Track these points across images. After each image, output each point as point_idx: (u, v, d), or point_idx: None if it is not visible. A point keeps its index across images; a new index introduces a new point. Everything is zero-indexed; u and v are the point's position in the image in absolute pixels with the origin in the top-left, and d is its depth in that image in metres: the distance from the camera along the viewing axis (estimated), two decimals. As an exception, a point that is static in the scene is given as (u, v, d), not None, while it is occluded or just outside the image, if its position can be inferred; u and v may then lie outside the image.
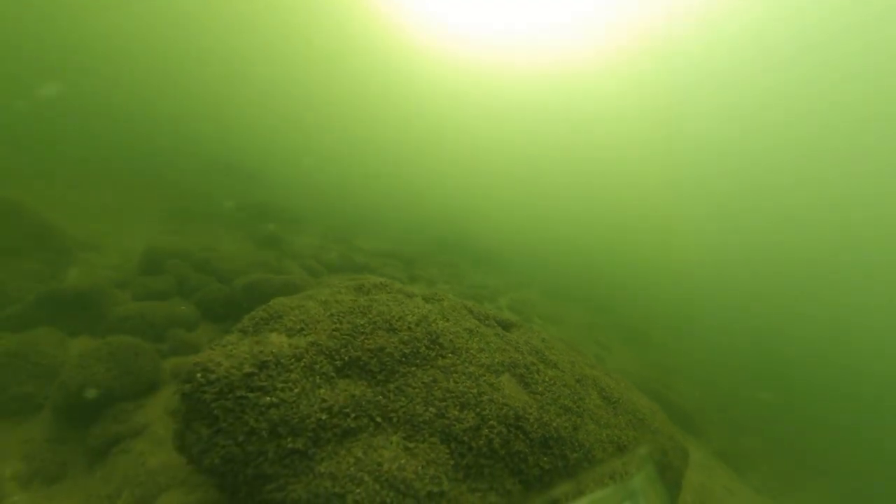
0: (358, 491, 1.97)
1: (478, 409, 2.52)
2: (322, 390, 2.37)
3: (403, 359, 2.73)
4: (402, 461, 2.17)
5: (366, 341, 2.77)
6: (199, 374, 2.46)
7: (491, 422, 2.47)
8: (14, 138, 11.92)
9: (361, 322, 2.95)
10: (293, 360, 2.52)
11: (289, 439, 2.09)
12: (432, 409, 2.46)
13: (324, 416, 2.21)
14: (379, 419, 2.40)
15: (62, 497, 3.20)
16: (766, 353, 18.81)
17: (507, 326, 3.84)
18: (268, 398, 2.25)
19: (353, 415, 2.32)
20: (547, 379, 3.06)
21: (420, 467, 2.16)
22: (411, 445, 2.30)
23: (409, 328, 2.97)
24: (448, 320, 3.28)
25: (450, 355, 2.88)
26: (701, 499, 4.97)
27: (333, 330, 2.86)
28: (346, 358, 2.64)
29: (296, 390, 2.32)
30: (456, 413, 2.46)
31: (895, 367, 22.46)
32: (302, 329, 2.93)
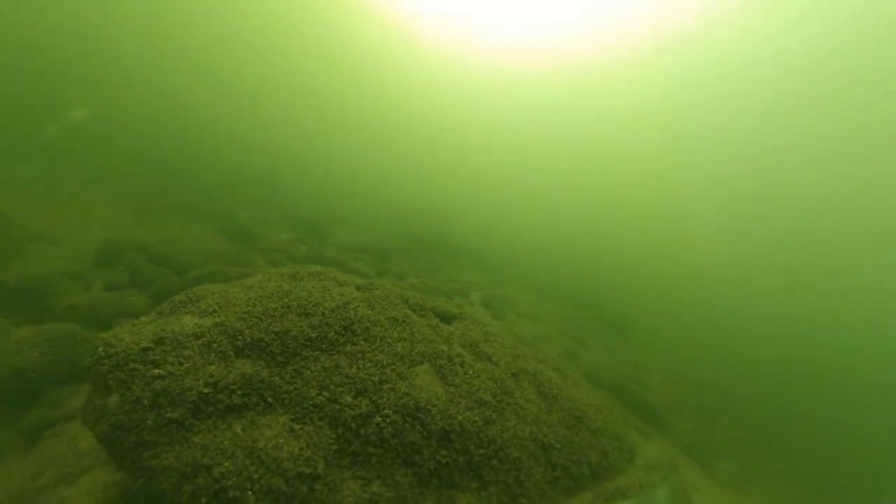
0: (226, 464, 2.28)
1: (374, 397, 2.79)
2: (213, 367, 2.72)
3: (308, 343, 3.05)
4: (281, 441, 2.47)
5: (272, 324, 3.11)
6: (100, 349, 2.89)
7: (385, 410, 2.73)
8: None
9: (274, 306, 3.30)
10: (192, 338, 2.90)
11: (168, 409, 2.44)
12: (325, 394, 2.75)
13: (206, 391, 2.55)
14: (270, 399, 2.72)
15: (-9, 477, 3.74)
16: (750, 351, 20.15)
17: (447, 318, 4.06)
18: (156, 370, 2.62)
19: (240, 392, 2.65)
20: (470, 372, 3.27)
21: (298, 449, 2.45)
22: (297, 427, 2.60)
23: (323, 314, 3.28)
24: (372, 309, 3.57)
25: (361, 342, 3.17)
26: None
27: (244, 312, 3.23)
28: (249, 339, 2.99)
29: (186, 365, 2.68)
30: (349, 399, 2.74)
31: (874, 365, 23.82)
32: (215, 311, 3.31)
